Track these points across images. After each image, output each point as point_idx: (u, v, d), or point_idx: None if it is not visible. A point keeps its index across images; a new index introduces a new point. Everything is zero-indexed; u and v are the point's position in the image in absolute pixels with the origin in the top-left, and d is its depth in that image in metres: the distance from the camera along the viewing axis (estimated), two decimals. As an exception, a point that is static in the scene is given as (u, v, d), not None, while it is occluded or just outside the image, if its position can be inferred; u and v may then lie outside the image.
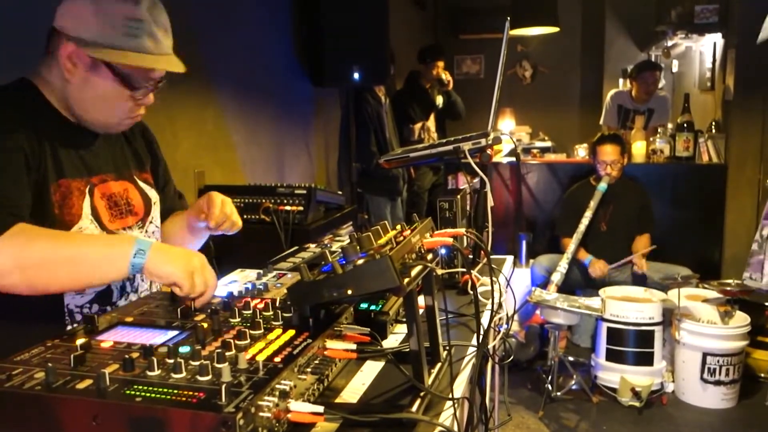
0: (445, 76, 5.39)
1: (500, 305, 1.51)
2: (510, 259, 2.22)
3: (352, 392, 1.15)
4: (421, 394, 1.10)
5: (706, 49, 5.79)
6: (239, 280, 1.68)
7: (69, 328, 1.39)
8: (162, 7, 1.41)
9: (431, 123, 5.38)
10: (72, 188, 1.40)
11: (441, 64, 5.29)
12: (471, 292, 1.59)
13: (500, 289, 1.50)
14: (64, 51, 1.35)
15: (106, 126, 1.46)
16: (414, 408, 1.05)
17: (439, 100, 5.45)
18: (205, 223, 1.58)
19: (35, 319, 1.33)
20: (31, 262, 1.21)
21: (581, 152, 5.33)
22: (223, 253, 2.20)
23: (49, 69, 1.39)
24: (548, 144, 6.56)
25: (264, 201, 2.70)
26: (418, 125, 5.26)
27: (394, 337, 1.43)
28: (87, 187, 1.43)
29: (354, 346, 1.14)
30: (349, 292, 1.03)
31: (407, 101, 5.26)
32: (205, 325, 1.14)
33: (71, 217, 1.38)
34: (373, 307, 1.42)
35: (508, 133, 6.08)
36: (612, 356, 3.54)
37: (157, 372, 0.94)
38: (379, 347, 1.31)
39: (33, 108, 1.39)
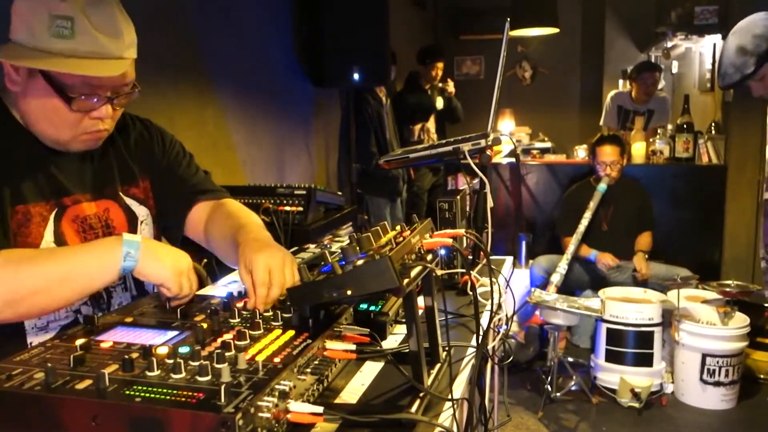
0: (448, 88, 5.40)
1: (500, 306, 1.51)
2: (509, 259, 2.22)
3: (352, 393, 1.15)
4: (421, 394, 1.10)
5: (705, 50, 5.79)
6: (239, 280, 1.68)
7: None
8: (106, 3, 1.24)
9: (431, 124, 5.38)
10: (31, 214, 1.27)
11: (440, 65, 5.30)
12: (470, 293, 1.59)
13: (500, 290, 1.50)
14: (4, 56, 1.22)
15: (59, 143, 1.30)
16: (413, 408, 1.06)
17: (439, 102, 5.45)
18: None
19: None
20: (24, 293, 1.15)
21: (581, 153, 5.34)
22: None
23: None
24: (548, 145, 6.57)
25: (264, 201, 2.69)
26: (418, 126, 5.26)
27: (394, 338, 1.43)
28: (53, 212, 1.31)
29: (353, 347, 1.14)
30: (349, 292, 1.03)
31: (407, 102, 5.26)
32: (205, 325, 1.14)
33: (26, 246, 1.26)
34: (372, 308, 1.42)
35: (508, 133, 6.08)
36: (611, 357, 3.54)
37: (156, 372, 0.94)
38: (378, 348, 1.31)
39: None
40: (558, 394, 3.54)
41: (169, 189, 1.56)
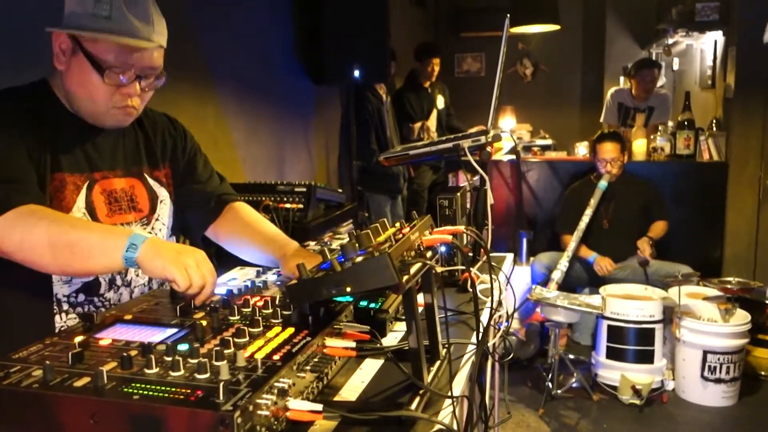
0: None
1: (500, 303, 1.51)
2: (510, 256, 2.22)
3: (351, 390, 1.15)
4: (421, 392, 1.09)
5: (706, 46, 5.78)
6: (239, 277, 1.68)
7: (57, 316, 1.42)
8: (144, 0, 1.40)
9: (431, 123, 5.36)
10: (67, 182, 1.42)
11: (436, 61, 5.26)
12: (470, 290, 1.59)
13: (500, 287, 1.50)
14: (55, 39, 1.39)
15: (95, 116, 1.45)
16: (413, 406, 1.05)
17: (440, 100, 5.44)
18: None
19: (23, 304, 1.38)
20: (36, 241, 1.25)
21: (582, 150, 5.33)
22: (222, 251, 2.20)
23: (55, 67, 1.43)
24: (549, 142, 6.56)
25: (264, 199, 2.69)
26: (418, 125, 5.25)
27: (394, 335, 1.42)
28: (86, 182, 1.45)
29: (353, 344, 1.14)
30: (348, 289, 1.03)
31: (407, 100, 5.25)
32: (204, 322, 1.14)
33: (60, 209, 1.39)
34: (372, 305, 1.41)
35: (509, 131, 6.07)
36: (612, 354, 3.54)
37: (155, 370, 0.94)
38: (378, 345, 1.30)
39: (42, 104, 1.43)
40: (559, 391, 3.54)
41: (190, 189, 1.71)
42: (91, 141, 1.49)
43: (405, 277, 1.01)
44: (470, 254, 1.95)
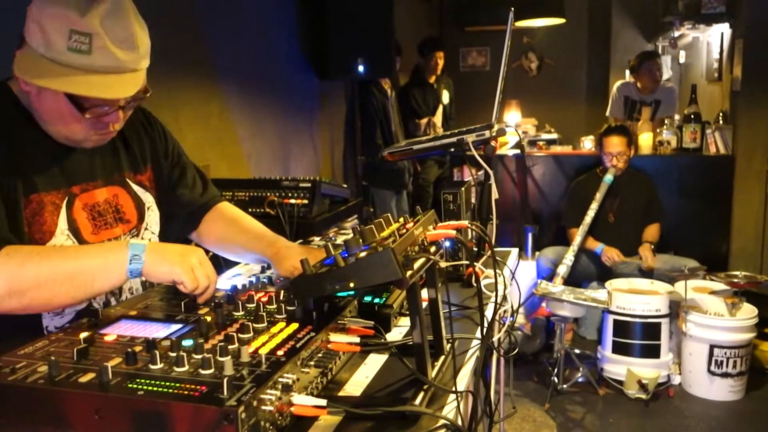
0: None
1: (504, 298, 1.51)
2: (515, 251, 2.21)
3: (356, 385, 1.15)
4: (425, 387, 1.09)
5: (713, 39, 5.74)
6: (243, 273, 1.68)
7: None
8: (125, 15, 1.23)
9: (437, 118, 5.33)
10: (44, 203, 1.29)
11: (440, 55, 5.23)
12: (475, 285, 1.59)
13: (504, 282, 1.50)
14: (19, 59, 1.23)
15: (72, 141, 1.32)
16: (417, 401, 1.05)
17: (446, 95, 5.42)
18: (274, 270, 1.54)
19: (10, 338, 1.17)
20: (28, 285, 1.15)
21: (587, 144, 5.31)
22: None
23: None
24: (554, 136, 6.53)
25: (269, 194, 2.69)
26: (424, 120, 5.23)
27: (398, 330, 1.42)
28: (65, 200, 1.33)
29: (357, 339, 1.14)
30: (352, 285, 1.02)
31: (412, 96, 5.24)
32: (209, 318, 1.14)
33: (41, 234, 1.28)
34: (377, 300, 1.41)
35: (514, 125, 6.06)
36: (618, 348, 3.53)
37: (159, 365, 0.94)
38: (382, 340, 1.31)
39: (7, 116, 1.29)
40: (565, 386, 3.53)
41: (170, 192, 1.60)
42: (66, 153, 1.35)
43: (409, 272, 1.01)
44: (475, 249, 1.94)
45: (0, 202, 1.21)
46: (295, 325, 1.11)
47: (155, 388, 0.87)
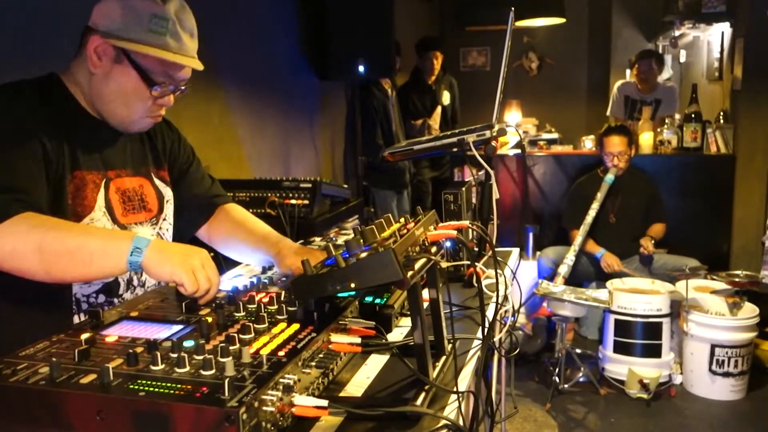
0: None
1: (506, 298, 1.51)
2: (516, 251, 2.21)
3: (357, 386, 1.15)
4: (426, 387, 1.09)
5: (713, 38, 5.74)
6: (244, 274, 1.68)
7: (75, 317, 1.42)
8: (190, 12, 1.47)
9: (435, 120, 5.28)
10: (87, 180, 1.43)
11: (436, 54, 5.16)
12: (476, 285, 1.59)
13: (506, 282, 1.49)
14: (91, 44, 1.39)
15: (124, 122, 1.48)
16: (419, 401, 1.05)
17: (446, 96, 5.39)
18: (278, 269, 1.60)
19: (42, 306, 1.36)
20: (30, 248, 1.21)
21: (588, 144, 5.31)
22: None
23: (77, 65, 1.45)
24: (555, 136, 6.53)
25: (269, 195, 2.69)
26: (419, 122, 5.19)
27: (399, 331, 1.42)
28: (103, 181, 1.47)
29: (359, 340, 1.14)
30: (353, 285, 1.02)
31: (410, 97, 5.21)
32: (210, 319, 1.14)
33: (83, 208, 1.40)
34: (378, 301, 1.41)
35: (515, 125, 6.05)
36: (620, 348, 3.53)
37: (160, 366, 0.94)
38: (383, 341, 1.30)
39: (57, 101, 1.43)
40: (566, 385, 3.53)
41: (182, 191, 1.71)
42: (105, 140, 1.50)
43: (409, 273, 1.01)
44: (476, 249, 1.94)
45: (44, 176, 1.33)
46: (296, 326, 1.11)
47: (156, 389, 0.87)
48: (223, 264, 2.17)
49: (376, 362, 1.25)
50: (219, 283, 1.30)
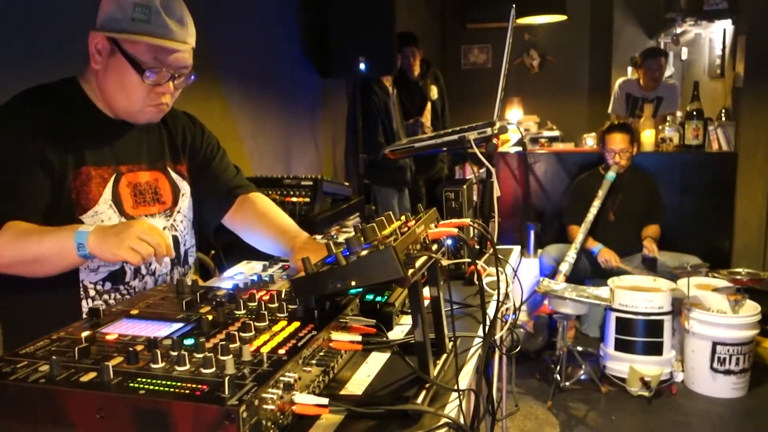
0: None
1: (507, 295, 1.50)
2: (517, 249, 2.21)
3: (358, 384, 1.15)
4: (427, 385, 1.09)
5: (715, 36, 5.73)
6: (245, 271, 1.68)
7: (83, 302, 1.48)
8: (180, 1, 1.52)
9: (426, 117, 5.18)
10: (92, 176, 1.50)
11: (412, 50, 4.93)
12: (477, 283, 1.58)
13: (506, 280, 1.49)
14: (92, 41, 1.48)
15: (129, 114, 1.54)
16: (419, 399, 1.05)
17: (434, 91, 5.33)
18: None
19: (50, 289, 1.44)
20: (8, 262, 1.36)
21: (590, 141, 5.30)
22: (229, 245, 2.20)
23: (89, 66, 1.52)
24: (556, 133, 6.52)
25: (271, 192, 2.69)
26: (411, 121, 5.13)
27: (400, 329, 1.42)
28: (113, 175, 1.54)
29: (359, 338, 1.14)
30: (353, 283, 1.02)
31: (400, 96, 5.14)
32: (210, 317, 1.14)
33: (87, 201, 1.48)
34: (378, 299, 1.41)
35: (516, 122, 6.04)
36: (621, 346, 3.52)
37: (161, 364, 0.94)
38: (384, 339, 1.30)
39: (70, 101, 1.52)
40: (567, 383, 3.53)
41: (205, 181, 1.78)
42: (118, 136, 1.57)
43: (410, 271, 1.01)
44: (477, 247, 1.94)
45: (43, 177, 1.42)
46: (296, 324, 1.11)
47: (157, 388, 0.87)
48: (225, 261, 2.17)
49: (376, 360, 1.25)
50: (164, 237, 1.35)
